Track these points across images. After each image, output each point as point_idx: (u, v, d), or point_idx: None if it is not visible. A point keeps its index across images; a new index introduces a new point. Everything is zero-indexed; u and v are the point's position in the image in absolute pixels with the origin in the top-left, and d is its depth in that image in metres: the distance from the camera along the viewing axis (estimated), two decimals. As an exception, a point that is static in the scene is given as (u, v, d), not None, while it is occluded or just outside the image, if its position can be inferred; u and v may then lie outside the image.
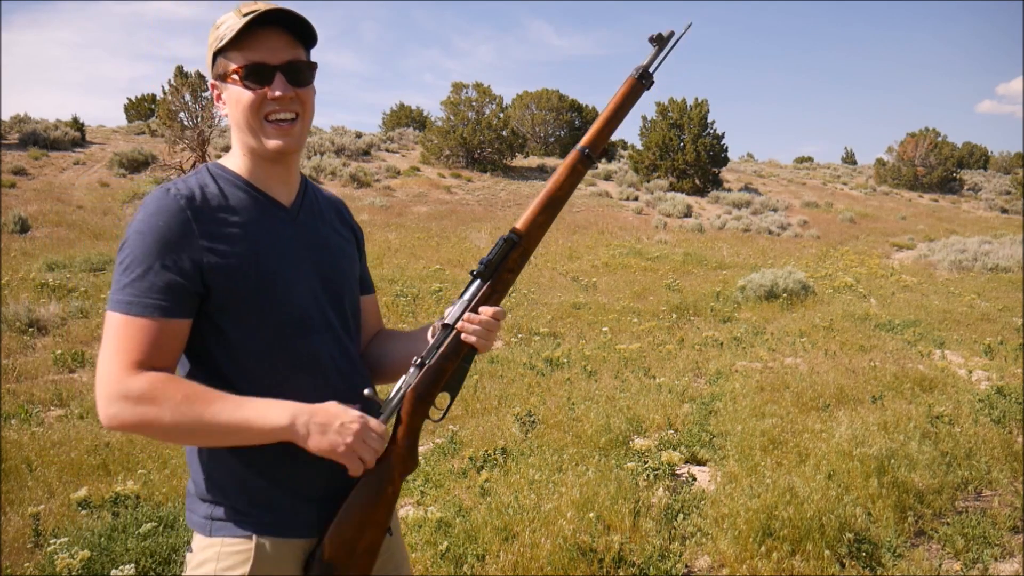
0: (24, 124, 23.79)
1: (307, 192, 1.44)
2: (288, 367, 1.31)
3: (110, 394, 1.18)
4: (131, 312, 1.20)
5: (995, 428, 4.50)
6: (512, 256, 1.44)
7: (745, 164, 42.78)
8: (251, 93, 1.28)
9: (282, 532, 1.30)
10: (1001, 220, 27.47)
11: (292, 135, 1.31)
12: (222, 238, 1.26)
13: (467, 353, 1.41)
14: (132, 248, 1.22)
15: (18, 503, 3.72)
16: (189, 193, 1.26)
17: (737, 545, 3.08)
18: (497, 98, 28.77)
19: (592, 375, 6.34)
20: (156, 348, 1.21)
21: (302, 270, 1.34)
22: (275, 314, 1.29)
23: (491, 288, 1.43)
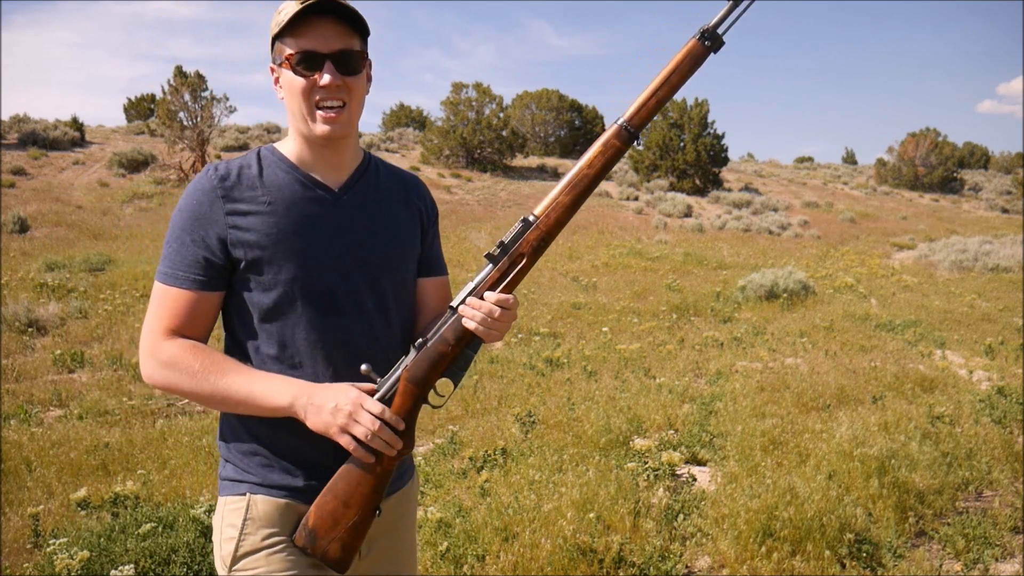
0: (23, 124, 23.79)
1: (366, 174, 1.46)
2: (308, 344, 1.35)
3: (145, 354, 1.33)
4: (167, 282, 1.33)
5: (996, 428, 4.50)
6: (528, 238, 1.36)
7: (745, 164, 42.78)
8: (302, 79, 1.33)
9: (272, 493, 1.37)
10: (1002, 220, 27.47)
11: (339, 122, 1.35)
12: (249, 214, 1.32)
13: (471, 340, 1.36)
14: (172, 223, 1.35)
15: (17, 503, 3.71)
16: (226, 172, 1.35)
17: (737, 545, 3.08)
18: (497, 98, 28.77)
19: (592, 375, 6.34)
20: (188, 317, 1.32)
21: (335, 250, 1.37)
22: (297, 291, 1.34)
23: (500, 272, 1.36)
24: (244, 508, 1.37)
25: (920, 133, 37.48)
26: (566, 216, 1.36)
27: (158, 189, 19.51)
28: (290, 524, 1.38)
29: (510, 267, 1.36)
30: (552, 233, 1.36)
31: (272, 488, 1.38)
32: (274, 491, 1.38)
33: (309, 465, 1.38)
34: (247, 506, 1.37)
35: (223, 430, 1.44)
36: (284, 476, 1.38)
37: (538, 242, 1.36)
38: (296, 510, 1.38)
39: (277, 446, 1.38)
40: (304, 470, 1.38)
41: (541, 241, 1.36)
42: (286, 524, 1.37)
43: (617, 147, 1.35)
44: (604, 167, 1.35)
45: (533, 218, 1.36)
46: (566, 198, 1.35)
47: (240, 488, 1.39)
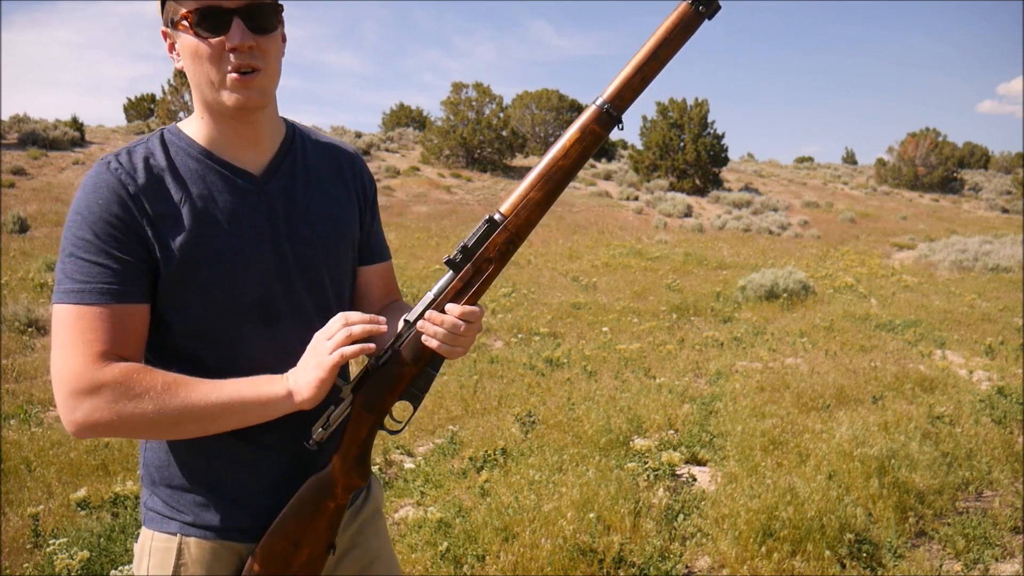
0: (23, 124, 23.79)
1: (291, 152, 1.26)
2: (246, 361, 1.17)
3: (78, 391, 1.05)
4: (84, 301, 1.07)
5: (996, 428, 4.50)
6: (495, 240, 1.16)
7: (745, 164, 42.78)
8: (204, 43, 1.10)
9: (207, 535, 1.21)
10: (1002, 220, 27.47)
11: (254, 88, 1.12)
12: (162, 217, 1.12)
13: (431, 358, 1.19)
14: (74, 231, 1.09)
15: (17, 503, 3.71)
16: (130, 166, 1.13)
17: (737, 545, 3.08)
18: (497, 98, 28.78)
19: (592, 375, 6.34)
20: (120, 336, 1.09)
21: (264, 248, 1.18)
22: (224, 301, 1.15)
23: (463, 281, 1.17)
24: (175, 551, 1.20)
25: (920, 133, 37.49)
26: (538, 214, 1.16)
27: (158, 189, 19.49)
28: (229, 567, 1.22)
29: (475, 275, 1.17)
30: (522, 234, 1.17)
31: (207, 529, 1.21)
32: (209, 533, 1.21)
33: (250, 502, 1.22)
34: (178, 549, 1.20)
35: (147, 460, 1.24)
36: (221, 515, 1.21)
37: (506, 245, 1.17)
38: (235, 552, 1.22)
39: (213, 480, 1.21)
40: (245, 508, 1.22)
41: (509, 244, 1.17)
42: (224, 569, 1.21)
43: (597, 133, 1.14)
44: (581, 156, 1.15)
45: (500, 217, 1.16)
46: (538, 194, 1.16)
47: (170, 526, 1.21)
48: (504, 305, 9.66)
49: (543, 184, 1.16)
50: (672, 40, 1.13)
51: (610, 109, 1.14)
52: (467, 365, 6.62)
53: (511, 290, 10.70)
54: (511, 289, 10.77)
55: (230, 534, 1.21)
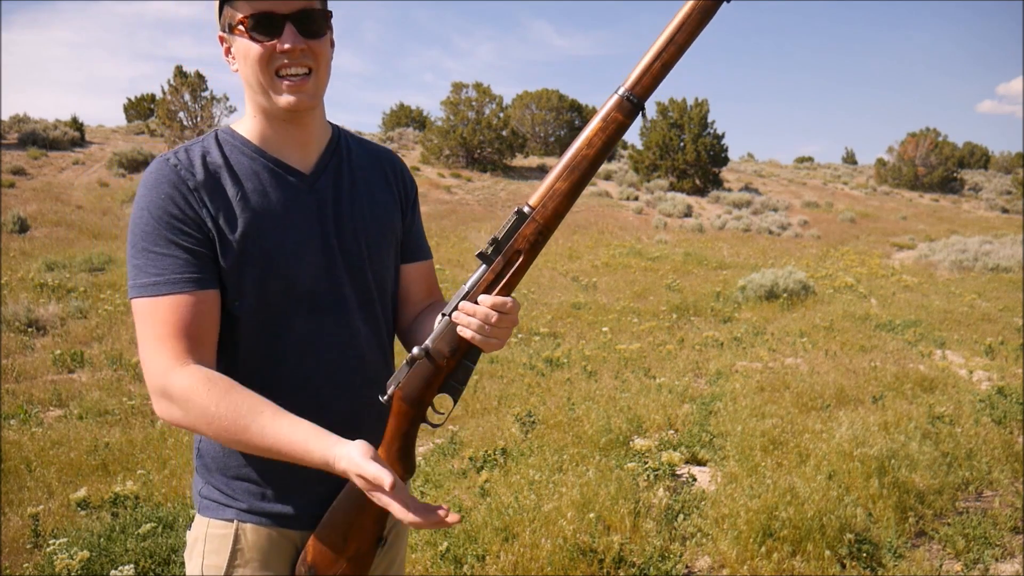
0: (23, 124, 23.79)
1: (336, 152, 1.32)
2: (288, 348, 1.22)
3: (155, 390, 1.14)
4: (159, 293, 1.13)
5: (996, 428, 4.50)
6: (523, 232, 1.17)
7: (745, 164, 42.78)
8: (259, 46, 1.16)
9: (263, 522, 1.25)
10: (1002, 220, 27.47)
11: (305, 91, 1.19)
12: (223, 210, 1.17)
13: (468, 351, 1.20)
14: (142, 227, 1.15)
15: (17, 503, 3.71)
16: (188, 162, 1.18)
17: (737, 545, 3.08)
18: (497, 98, 28.78)
19: (592, 375, 6.34)
20: (195, 327, 1.14)
21: (313, 243, 1.23)
22: (277, 293, 1.20)
23: (495, 273, 1.18)
24: (231, 537, 1.24)
25: (920, 133, 37.49)
26: (565, 205, 1.17)
27: (158, 189, 19.49)
28: (284, 555, 1.27)
29: (505, 266, 1.18)
30: (551, 225, 1.18)
31: (263, 516, 1.25)
32: (264, 519, 1.25)
33: (303, 490, 1.26)
34: (235, 535, 1.24)
35: (202, 450, 1.29)
36: (276, 504, 1.26)
37: (535, 236, 1.18)
38: (291, 539, 1.27)
39: (268, 469, 1.24)
40: (298, 496, 1.26)
41: (539, 235, 1.18)
42: (280, 556, 1.26)
43: (620, 121, 1.15)
44: (606, 145, 1.16)
45: (528, 209, 1.18)
46: (564, 184, 1.17)
47: (226, 513, 1.25)
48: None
49: (569, 174, 1.17)
50: (691, 25, 1.12)
51: (631, 97, 1.14)
52: (467, 365, 6.62)
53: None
54: (511, 289, 10.77)
55: (285, 521, 1.26)
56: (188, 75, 22.09)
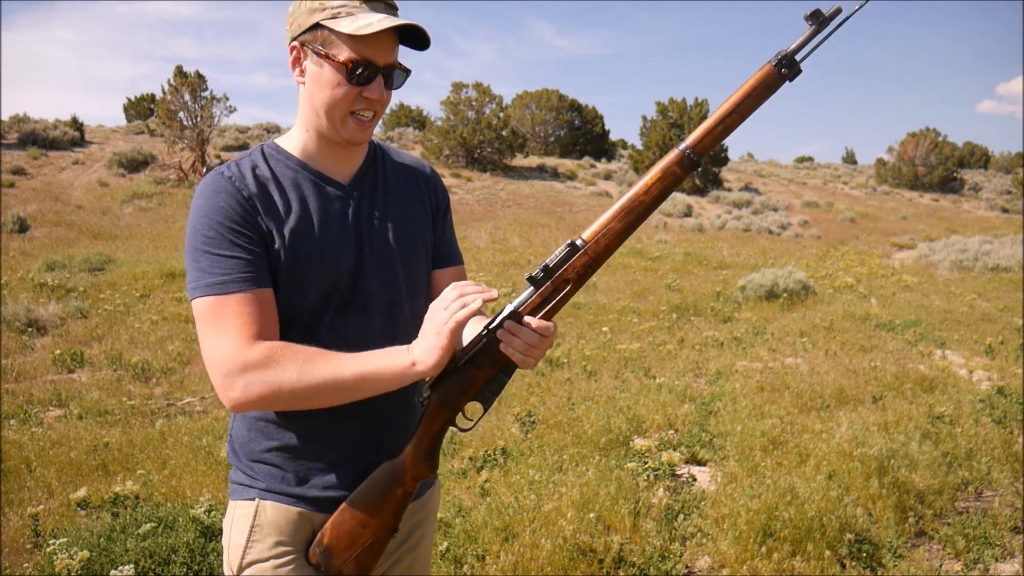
0: (23, 124, 23.79)
1: (373, 165, 1.41)
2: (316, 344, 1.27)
3: (233, 370, 1.19)
4: (226, 291, 1.21)
5: (996, 428, 4.50)
6: (574, 264, 1.25)
7: (745, 164, 42.79)
8: (352, 88, 1.25)
9: (283, 500, 1.32)
10: (1002, 220, 27.47)
11: (367, 131, 1.31)
12: (273, 217, 1.27)
13: (505, 364, 1.27)
14: (203, 232, 1.23)
15: (17, 503, 3.71)
16: (239, 174, 1.28)
17: (737, 545, 3.08)
18: (497, 98, 28.77)
19: (592, 375, 6.34)
20: (261, 319, 1.22)
21: (350, 248, 1.32)
22: (317, 293, 1.29)
23: (542, 297, 1.26)
24: (252, 514, 1.32)
25: (920, 133, 37.50)
26: (616, 243, 1.26)
27: (158, 189, 19.51)
28: (301, 535, 1.33)
29: (553, 293, 1.26)
30: (600, 260, 1.26)
31: (282, 495, 1.33)
32: (284, 498, 1.33)
33: (323, 474, 1.33)
34: (255, 512, 1.32)
35: (232, 436, 1.39)
36: (296, 485, 1.33)
37: (584, 268, 1.26)
38: (309, 520, 1.33)
39: (290, 453, 1.33)
40: (318, 479, 1.33)
41: (588, 268, 1.26)
42: (297, 534, 1.32)
43: (677, 175, 1.24)
44: (661, 195, 1.25)
45: (581, 243, 1.25)
46: (618, 224, 1.25)
47: (249, 493, 1.34)
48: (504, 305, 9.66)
49: (624, 216, 1.25)
50: (753, 98, 1.23)
51: (691, 155, 1.23)
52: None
53: (511, 290, 10.70)
54: (511, 289, 10.77)
55: (304, 502, 1.32)
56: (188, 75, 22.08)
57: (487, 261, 13.66)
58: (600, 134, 39.30)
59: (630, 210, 1.24)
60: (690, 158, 1.23)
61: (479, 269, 12.66)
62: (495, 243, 16.24)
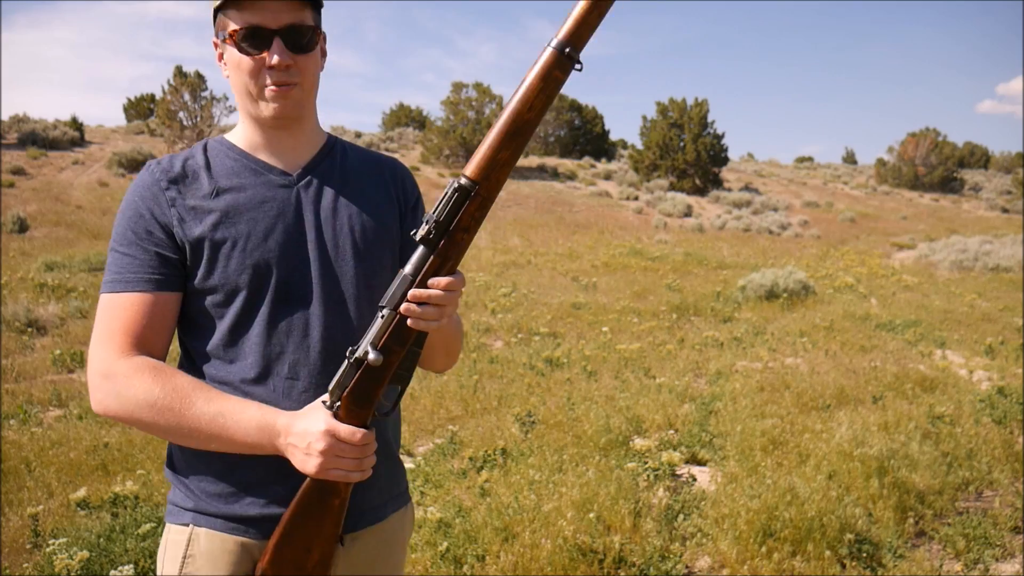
0: (23, 124, 23.80)
1: (329, 156, 1.33)
2: (257, 338, 1.22)
3: (99, 373, 1.17)
4: (116, 290, 1.19)
5: (996, 428, 4.49)
6: (467, 210, 1.12)
7: (745, 164, 42.79)
8: (248, 59, 1.20)
9: (217, 525, 1.22)
10: (1002, 220, 27.47)
11: (290, 99, 1.22)
12: (195, 208, 1.21)
13: (417, 337, 1.17)
14: (117, 227, 1.23)
15: (17, 504, 3.71)
16: (169, 165, 1.25)
17: (738, 546, 3.07)
18: (497, 98, 28.79)
19: (592, 375, 6.33)
20: (146, 325, 1.19)
21: (288, 236, 1.24)
22: (244, 283, 1.21)
23: (440, 257, 1.12)
24: (186, 542, 1.22)
25: (920, 133, 37.50)
26: (507, 173, 1.13)
27: (158, 189, 19.49)
28: (241, 568, 1.22)
29: (451, 248, 1.13)
30: (493, 197, 1.13)
31: (218, 518, 1.22)
32: (220, 522, 1.22)
33: (261, 489, 1.23)
34: (188, 540, 1.22)
35: (169, 450, 1.30)
36: (234, 505, 1.22)
37: (479, 211, 1.13)
38: (248, 551, 1.22)
39: (225, 467, 1.22)
40: (256, 495, 1.23)
41: (483, 209, 1.13)
42: (235, 567, 1.22)
43: (558, 79, 1.09)
44: (545, 106, 1.10)
45: (468, 182, 1.11)
46: (506, 153, 1.11)
47: (183, 517, 1.24)
48: (504, 305, 9.66)
49: (509, 141, 1.11)
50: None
51: (570, 51, 1.08)
52: (467, 365, 6.62)
53: (511, 290, 10.69)
54: (511, 289, 10.76)
55: (242, 525, 1.23)
56: (188, 75, 22.10)
57: (487, 261, 13.66)
58: (600, 134, 39.32)
59: (516, 132, 1.10)
60: (569, 56, 1.08)
61: (479, 269, 12.66)
62: (495, 243, 16.24)
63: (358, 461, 1.16)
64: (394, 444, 1.39)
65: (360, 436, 1.15)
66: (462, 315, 8.83)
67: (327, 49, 1.32)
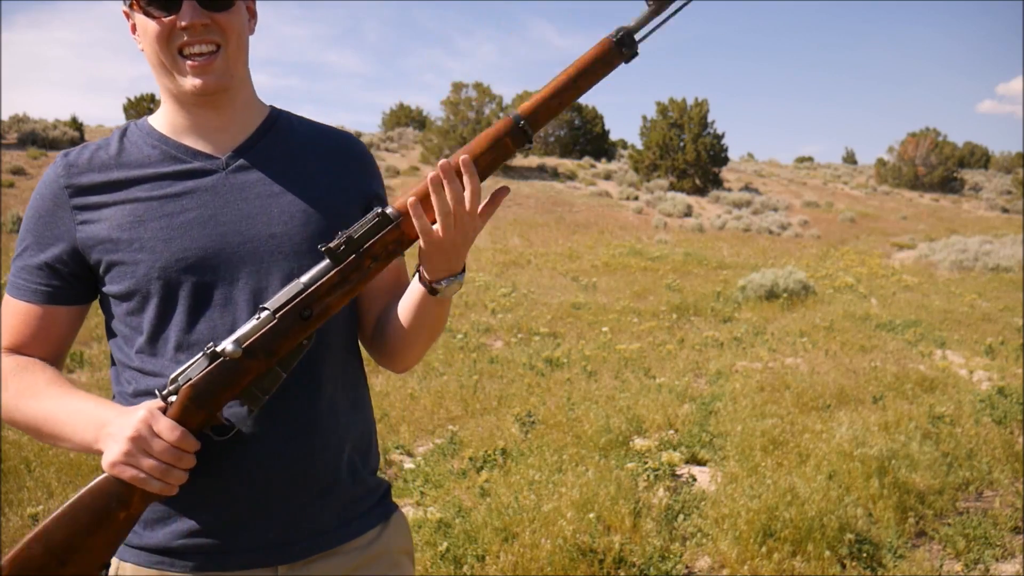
0: (23, 124, 23.79)
1: (269, 135, 1.17)
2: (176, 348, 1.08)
3: None
4: (11, 293, 1.12)
5: (996, 428, 4.49)
6: (383, 238, 1.05)
7: (745, 164, 42.81)
8: (155, 23, 1.04)
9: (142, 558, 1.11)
10: (1002, 220, 27.47)
11: (213, 70, 1.06)
12: (101, 205, 1.09)
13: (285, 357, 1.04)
14: (23, 222, 1.14)
15: (17, 504, 3.71)
16: (76, 158, 1.12)
17: (738, 546, 3.07)
18: (497, 98, 28.80)
19: (592, 375, 6.33)
20: (28, 335, 1.12)
21: (207, 232, 1.09)
22: (157, 287, 1.07)
23: (341, 275, 1.04)
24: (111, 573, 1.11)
25: (920, 133, 37.52)
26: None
27: (158, 189, 19.52)
28: None
29: (355, 271, 1.05)
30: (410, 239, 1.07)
31: (140, 550, 1.10)
32: (137, 553, 1.10)
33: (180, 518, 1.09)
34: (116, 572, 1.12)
35: None
36: (156, 531, 1.10)
37: (395, 245, 1.07)
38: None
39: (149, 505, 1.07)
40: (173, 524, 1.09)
41: (399, 244, 1.07)
42: None
43: (507, 147, 1.07)
44: (489, 167, 1.07)
45: (394, 213, 1.05)
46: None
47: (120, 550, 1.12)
48: (504, 305, 9.66)
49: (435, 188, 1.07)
50: (591, 74, 1.08)
51: (525, 126, 1.06)
52: (467, 365, 6.62)
53: (511, 290, 10.69)
54: (511, 289, 10.76)
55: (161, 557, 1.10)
56: (188, 75, 22.11)
57: (487, 261, 13.66)
58: (600, 134, 39.31)
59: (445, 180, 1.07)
60: (523, 130, 1.06)
61: (479, 269, 12.66)
62: (495, 243, 16.24)
63: (164, 467, 0.98)
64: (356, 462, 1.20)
65: (178, 435, 0.98)
66: (462, 315, 8.84)
67: (256, 9, 1.16)
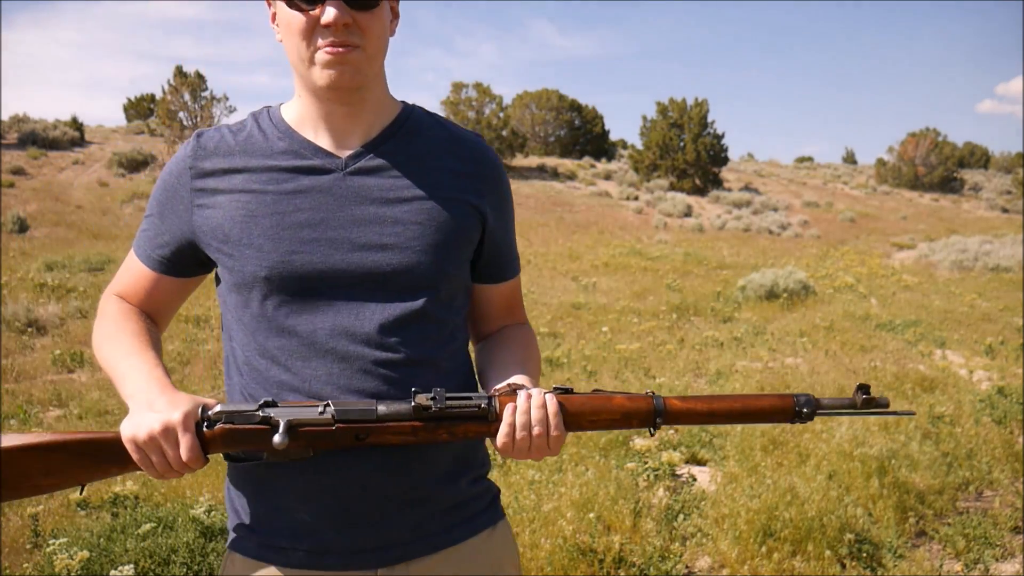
0: (23, 124, 23.80)
1: (395, 137, 1.14)
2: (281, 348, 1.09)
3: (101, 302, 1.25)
4: (134, 249, 1.21)
5: (996, 428, 4.50)
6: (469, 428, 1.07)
7: (745, 164, 42.81)
8: (300, 15, 1.03)
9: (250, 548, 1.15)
10: (1002, 220, 27.47)
11: (349, 63, 1.04)
12: (218, 192, 1.10)
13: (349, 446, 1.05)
14: (156, 184, 1.19)
15: (17, 504, 3.71)
16: (207, 139, 1.14)
17: (738, 546, 3.07)
18: (497, 98, 28.82)
19: (592, 375, 6.33)
20: (139, 293, 1.21)
21: (321, 237, 1.07)
22: (263, 285, 1.08)
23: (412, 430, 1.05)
24: (223, 566, 1.17)
25: (920, 133, 37.53)
26: None
27: (158, 189, 19.52)
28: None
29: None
30: None
31: (249, 543, 1.14)
32: (251, 547, 1.14)
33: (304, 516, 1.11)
34: (224, 563, 1.17)
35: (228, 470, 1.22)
36: (260, 534, 1.14)
37: None
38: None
39: (255, 499, 1.13)
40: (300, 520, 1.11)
41: None
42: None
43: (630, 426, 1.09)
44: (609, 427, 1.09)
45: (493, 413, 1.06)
46: None
47: (231, 537, 1.18)
48: (504, 305, 9.66)
49: None
50: (756, 417, 1.10)
51: (659, 420, 1.07)
52: (467, 365, 6.62)
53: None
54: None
55: (267, 553, 1.13)
56: (188, 75, 22.11)
57: (487, 261, 13.65)
58: (600, 134, 39.31)
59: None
60: (656, 422, 1.07)
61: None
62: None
63: (166, 468, 1.03)
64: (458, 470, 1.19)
65: (192, 457, 1.02)
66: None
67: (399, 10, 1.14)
